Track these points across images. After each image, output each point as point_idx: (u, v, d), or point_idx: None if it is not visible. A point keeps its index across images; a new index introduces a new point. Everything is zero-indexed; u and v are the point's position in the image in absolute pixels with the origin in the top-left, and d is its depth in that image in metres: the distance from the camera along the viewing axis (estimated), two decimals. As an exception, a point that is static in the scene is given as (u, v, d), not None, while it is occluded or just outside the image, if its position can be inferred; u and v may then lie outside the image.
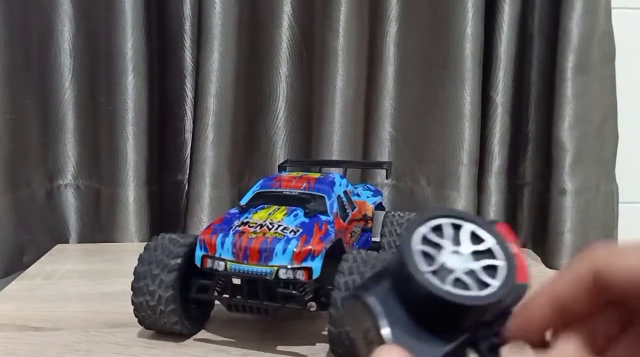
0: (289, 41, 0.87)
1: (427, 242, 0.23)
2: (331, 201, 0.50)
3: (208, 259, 0.46)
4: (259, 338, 0.49)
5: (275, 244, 0.44)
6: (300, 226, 0.46)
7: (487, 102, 0.87)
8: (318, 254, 0.44)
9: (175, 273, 0.46)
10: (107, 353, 0.46)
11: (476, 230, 0.23)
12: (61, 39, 0.83)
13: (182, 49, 0.87)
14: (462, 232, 0.23)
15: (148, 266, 0.47)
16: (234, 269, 0.44)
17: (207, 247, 0.46)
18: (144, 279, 0.46)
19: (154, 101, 0.82)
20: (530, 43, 0.85)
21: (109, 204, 0.82)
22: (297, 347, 0.48)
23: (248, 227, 0.46)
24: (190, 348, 0.47)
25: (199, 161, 0.81)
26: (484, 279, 0.22)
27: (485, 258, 0.23)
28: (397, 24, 0.88)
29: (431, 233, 0.23)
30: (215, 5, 0.78)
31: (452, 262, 0.22)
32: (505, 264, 0.22)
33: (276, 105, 0.88)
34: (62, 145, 0.85)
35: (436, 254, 0.22)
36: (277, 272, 0.43)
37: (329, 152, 0.84)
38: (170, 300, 0.46)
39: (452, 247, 0.23)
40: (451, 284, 0.22)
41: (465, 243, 0.23)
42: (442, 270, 0.22)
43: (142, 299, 0.46)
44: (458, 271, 0.22)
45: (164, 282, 0.46)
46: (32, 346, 0.47)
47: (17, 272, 0.73)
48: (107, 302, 0.57)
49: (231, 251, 0.45)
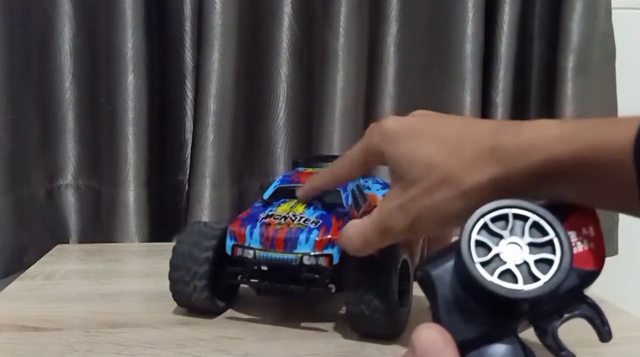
0: (289, 41, 0.87)
1: (488, 231, 0.24)
2: (346, 194, 0.54)
3: (238, 248, 0.51)
4: (259, 338, 0.49)
5: (298, 234, 0.49)
6: (320, 217, 0.51)
7: (487, 102, 0.87)
8: (337, 242, 0.48)
9: (210, 252, 0.51)
10: (107, 353, 0.46)
11: (540, 222, 0.24)
12: (61, 39, 0.82)
13: (182, 49, 0.87)
14: (527, 223, 0.24)
15: (185, 250, 0.52)
16: (261, 256, 0.50)
17: (237, 237, 0.51)
18: (181, 266, 0.52)
19: (154, 101, 0.82)
20: (530, 43, 0.85)
21: (109, 204, 0.82)
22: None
23: (273, 219, 0.51)
24: (190, 348, 0.47)
25: (199, 161, 0.81)
26: (535, 273, 0.23)
27: (542, 252, 0.23)
28: (397, 24, 0.88)
29: (493, 222, 0.24)
30: (215, 5, 0.78)
31: (507, 253, 0.23)
32: (559, 259, 0.23)
33: (276, 105, 0.88)
34: (62, 145, 0.85)
35: (493, 244, 0.23)
36: (301, 259, 0.48)
37: (328, 152, 0.84)
38: (204, 277, 0.51)
39: (510, 238, 0.23)
40: (499, 275, 0.23)
41: (526, 234, 0.23)
42: (495, 260, 0.23)
43: (178, 273, 0.52)
44: (510, 262, 0.23)
45: (198, 260, 0.51)
46: (32, 346, 0.47)
47: (17, 272, 0.73)
48: (107, 302, 0.57)
49: (259, 240, 0.50)
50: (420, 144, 0.38)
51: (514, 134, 0.32)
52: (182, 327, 0.51)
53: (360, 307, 0.47)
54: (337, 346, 0.48)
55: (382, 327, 0.47)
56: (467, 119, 0.48)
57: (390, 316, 0.47)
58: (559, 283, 0.22)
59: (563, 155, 0.29)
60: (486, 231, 0.24)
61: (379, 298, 0.46)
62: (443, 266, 0.25)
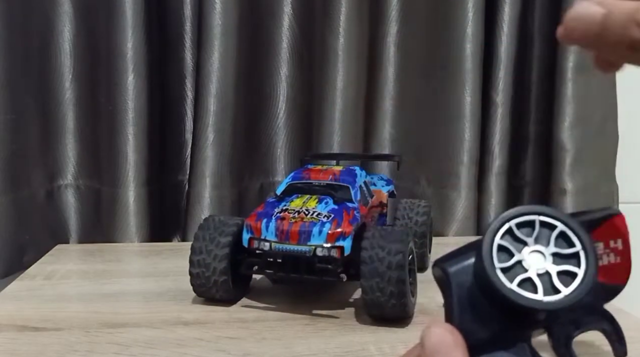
0: (289, 41, 0.87)
1: (512, 236, 0.23)
2: (355, 189, 0.58)
3: (254, 240, 0.53)
4: (259, 338, 0.49)
5: (312, 227, 0.52)
6: (331, 211, 0.54)
7: (487, 102, 0.87)
8: (348, 235, 0.51)
9: (229, 240, 0.54)
10: (107, 353, 0.46)
11: (568, 232, 0.23)
12: (61, 39, 0.83)
13: (182, 49, 0.87)
14: (554, 232, 0.23)
15: (203, 242, 0.54)
16: (277, 248, 0.52)
17: (253, 230, 0.54)
18: (199, 254, 0.54)
19: (154, 101, 0.82)
20: (530, 43, 0.85)
21: (109, 204, 0.82)
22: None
23: (287, 213, 0.54)
24: (190, 348, 0.47)
25: (199, 161, 0.81)
26: (556, 284, 0.22)
27: (566, 263, 0.22)
28: (397, 24, 0.88)
29: (519, 228, 0.23)
30: (215, 5, 0.78)
31: (530, 261, 0.23)
32: (583, 274, 0.22)
33: (276, 105, 0.88)
34: (62, 145, 0.85)
35: (516, 250, 0.23)
36: (314, 250, 0.51)
37: (329, 152, 0.84)
38: (222, 271, 0.53)
39: (535, 246, 0.23)
40: (518, 283, 0.22)
41: (551, 244, 0.23)
42: (516, 267, 0.22)
43: (199, 270, 0.54)
44: (532, 271, 0.22)
45: (217, 256, 0.54)
46: (32, 346, 0.47)
47: (17, 272, 0.73)
48: (107, 302, 0.57)
49: (274, 233, 0.52)
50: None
51: None
52: (182, 327, 0.51)
53: (375, 295, 0.49)
54: (337, 346, 0.48)
55: (396, 312, 0.50)
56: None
57: (402, 303, 0.49)
58: (579, 298, 0.22)
59: None
60: (510, 236, 0.23)
61: (394, 284, 0.48)
62: (461, 264, 0.24)
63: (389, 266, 0.49)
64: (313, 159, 0.72)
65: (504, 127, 0.87)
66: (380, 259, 0.49)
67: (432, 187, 0.88)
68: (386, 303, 0.49)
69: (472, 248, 0.24)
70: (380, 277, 0.49)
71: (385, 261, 0.49)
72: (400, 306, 0.49)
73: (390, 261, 0.49)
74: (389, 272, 0.48)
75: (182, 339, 0.49)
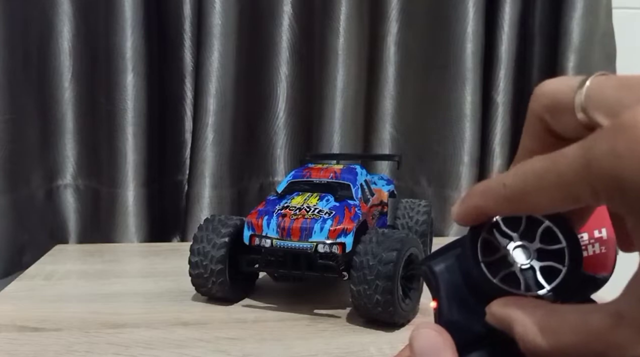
0: (289, 41, 0.87)
1: (498, 230, 0.23)
2: (356, 187, 0.58)
3: (255, 237, 0.53)
4: (258, 339, 0.49)
5: (313, 224, 0.52)
6: (332, 208, 0.54)
7: (488, 101, 0.87)
8: (350, 232, 0.51)
9: (225, 241, 0.54)
10: (106, 353, 0.46)
11: (554, 228, 0.23)
12: (61, 39, 0.82)
13: (181, 48, 0.87)
14: (540, 228, 0.23)
15: (200, 243, 0.54)
16: (279, 245, 0.52)
17: (254, 227, 0.53)
18: (197, 255, 0.54)
19: (154, 101, 0.82)
20: (530, 43, 0.85)
21: (108, 204, 0.82)
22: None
23: (289, 210, 0.54)
24: (189, 349, 0.47)
25: (198, 161, 0.81)
26: (539, 280, 0.22)
27: (549, 260, 0.22)
28: (397, 24, 0.88)
29: (505, 223, 0.23)
30: (215, 5, 0.78)
31: (514, 256, 0.22)
32: (566, 271, 0.22)
33: (276, 105, 0.88)
34: (61, 145, 0.84)
35: (501, 245, 0.23)
36: (316, 247, 0.51)
37: (328, 152, 0.84)
38: (220, 272, 0.54)
39: (519, 241, 0.23)
40: (502, 277, 0.22)
41: (537, 240, 0.23)
42: (500, 261, 0.22)
43: (198, 271, 0.54)
44: (516, 266, 0.22)
45: (214, 258, 0.54)
46: (31, 346, 0.47)
47: (16, 272, 0.73)
48: (106, 302, 0.57)
49: (276, 230, 0.52)
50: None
51: None
52: (182, 328, 0.51)
53: (363, 301, 0.49)
54: (337, 346, 0.48)
55: (384, 318, 0.50)
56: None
57: (389, 312, 0.49)
58: (561, 295, 0.22)
59: None
60: (497, 231, 0.23)
61: (381, 293, 0.48)
62: (448, 262, 0.24)
63: (378, 275, 0.48)
64: (313, 159, 0.72)
65: (504, 127, 0.86)
66: (370, 267, 0.48)
67: (433, 187, 0.88)
68: (373, 310, 0.49)
69: (458, 245, 0.24)
70: (367, 285, 0.48)
71: (374, 269, 0.48)
72: (387, 314, 0.49)
73: (379, 270, 0.48)
74: (377, 281, 0.48)
75: (181, 339, 0.49)
